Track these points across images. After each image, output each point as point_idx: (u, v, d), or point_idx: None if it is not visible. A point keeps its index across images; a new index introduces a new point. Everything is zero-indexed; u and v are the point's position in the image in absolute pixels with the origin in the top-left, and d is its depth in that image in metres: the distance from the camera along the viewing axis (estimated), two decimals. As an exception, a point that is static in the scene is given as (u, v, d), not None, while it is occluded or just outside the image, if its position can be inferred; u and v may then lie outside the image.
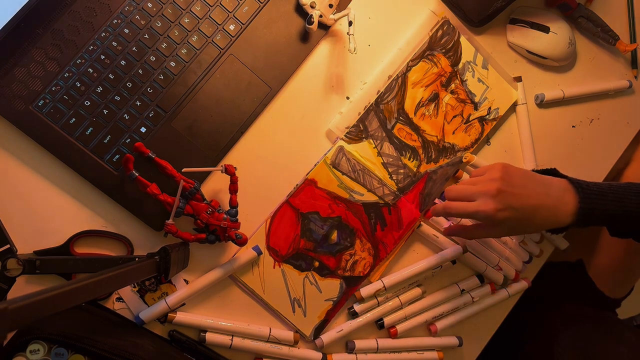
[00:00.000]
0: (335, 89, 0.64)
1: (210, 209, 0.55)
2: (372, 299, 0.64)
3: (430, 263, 0.66)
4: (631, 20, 0.78)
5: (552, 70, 0.74)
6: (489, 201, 0.52)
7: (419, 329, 0.67)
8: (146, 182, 0.54)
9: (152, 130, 0.56)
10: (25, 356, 0.46)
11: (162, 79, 0.57)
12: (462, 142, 0.68)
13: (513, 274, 0.71)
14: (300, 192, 0.61)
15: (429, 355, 0.66)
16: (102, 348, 0.47)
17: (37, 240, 0.54)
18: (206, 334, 0.57)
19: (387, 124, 0.64)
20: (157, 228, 0.56)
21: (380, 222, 0.64)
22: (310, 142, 0.63)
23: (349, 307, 0.64)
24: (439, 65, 0.66)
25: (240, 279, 0.59)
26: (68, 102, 0.54)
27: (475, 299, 0.69)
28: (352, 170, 0.62)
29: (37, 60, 0.54)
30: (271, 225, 0.60)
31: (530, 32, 0.70)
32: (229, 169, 0.55)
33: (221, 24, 0.59)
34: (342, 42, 0.64)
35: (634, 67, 0.79)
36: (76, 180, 0.55)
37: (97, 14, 0.56)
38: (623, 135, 0.79)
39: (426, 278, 0.68)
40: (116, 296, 0.56)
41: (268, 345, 0.59)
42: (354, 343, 0.63)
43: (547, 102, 0.73)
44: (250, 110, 0.59)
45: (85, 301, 0.39)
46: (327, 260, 0.62)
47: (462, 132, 0.68)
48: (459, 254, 0.66)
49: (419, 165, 0.66)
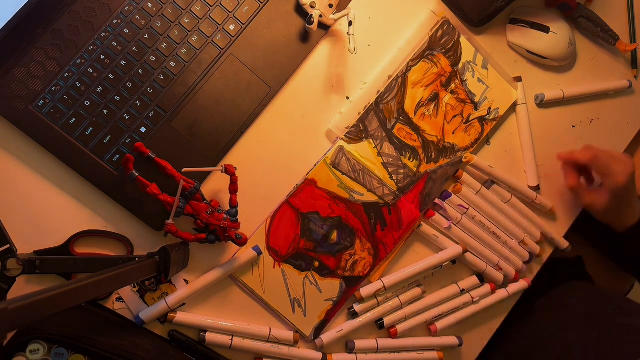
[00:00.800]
0: (335, 89, 0.64)
1: (210, 209, 0.55)
2: (372, 299, 0.64)
3: (430, 263, 0.66)
4: (631, 20, 0.78)
5: (552, 70, 0.74)
6: (626, 173, 0.65)
7: (419, 329, 0.67)
8: (146, 182, 0.54)
9: (152, 130, 0.56)
10: (25, 356, 0.46)
11: (162, 79, 0.57)
12: (462, 142, 0.68)
13: (513, 274, 0.71)
14: (300, 192, 0.61)
15: (429, 355, 0.66)
16: (102, 348, 0.47)
17: (37, 240, 0.54)
18: (206, 334, 0.57)
19: (387, 124, 0.64)
20: (157, 228, 0.56)
21: (380, 222, 0.64)
22: (310, 142, 0.63)
23: (349, 307, 0.64)
24: (439, 65, 0.66)
25: (240, 279, 0.59)
26: (68, 102, 0.54)
27: (475, 299, 0.69)
28: (352, 170, 0.62)
29: (37, 60, 0.54)
30: (271, 225, 0.60)
31: (530, 32, 0.70)
32: (229, 169, 0.55)
33: (221, 24, 0.59)
34: (342, 42, 0.64)
35: (634, 67, 0.79)
36: (76, 180, 0.55)
37: (97, 14, 0.56)
38: (623, 135, 0.79)
39: (426, 278, 0.68)
40: (116, 296, 0.56)
41: (268, 345, 0.59)
42: (354, 343, 0.63)
43: (547, 102, 0.73)
44: (250, 110, 0.59)
45: (85, 301, 0.39)
46: (327, 260, 0.62)
47: (462, 132, 0.68)
48: (459, 254, 0.66)
49: (419, 165, 0.66)
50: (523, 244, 0.72)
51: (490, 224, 0.69)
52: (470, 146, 0.68)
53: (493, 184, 0.69)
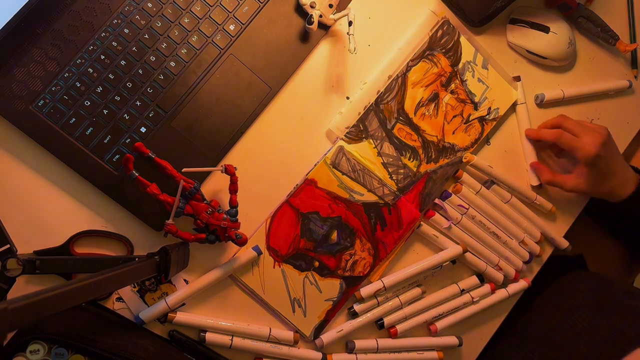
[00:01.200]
0: (335, 89, 0.64)
1: (210, 209, 0.55)
2: (372, 299, 0.64)
3: (430, 263, 0.66)
4: (631, 20, 0.78)
5: (552, 70, 0.74)
6: (595, 143, 0.63)
7: (419, 329, 0.67)
8: (146, 182, 0.54)
9: (152, 130, 0.56)
10: (25, 356, 0.46)
11: (162, 79, 0.57)
12: (462, 142, 0.68)
13: (513, 274, 0.71)
14: (300, 192, 0.61)
15: (429, 355, 0.66)
16: (102, 348, 0.47)
17: (37, 240, 0.54)
18: (206, 334, 0.57)
19: (387, 124, 0.64)
20: (157, 228, 0.56)
21: (380, 222, 0.64)
22: (310, 142, 0.63)
23: (349, 307, 0.64)
24: (439, 65, 0.66)
25: (240, 279, 0.59)
26: (68, 102, 0.54)
27: (475, 298, 0.69)
28: (352, 170, 0.62)
29: (37, 60, 0.54)
30: (271, 225, 0.60)
31: (530, 32, 0.70)
32: (229, 169, 0.55)
33: (221, 24, 0.59)
34: (342, 42, 0.64)
35: (634, 67, 0.79)
36: (76, 180, 0.55)
37: (97, 14, 0.56)
38: (623, 135, 0.79)
39: (426, 278, 0.68)
40: (116, 296, 0.56)
41: (268, 345, 0.59)
42: (354, 343, 0.63)
43: (547, 102, 0.73)
44: (250, 110, 0.59)
45: (85, 301, 0.39)
46: (327, 260, 0.62)
47: (462, 132, 0.68)
48: (459, 254, 0.66)
49: (419, 165, 0.66)
50: (523, 244, 0.72)
51: (490, 224, 0.69)
52: (470, 146, 0.68)
53: (493, 184, 0.69)
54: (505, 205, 0.70)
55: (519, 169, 0.73)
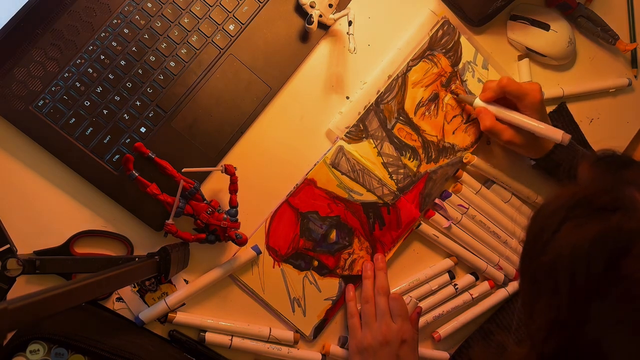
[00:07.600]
0: (335, 89, 0.64)
1: (210, 209, 0.55)
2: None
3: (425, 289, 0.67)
4: (631, 19, 0.78)
5: (551, 69, 0.74)
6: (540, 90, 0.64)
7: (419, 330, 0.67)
8: (146, 182, 0.54)
9: (152, 130, 0.56)
10: (25, 356, 0.46)
11: (162, 79, 0.57)
12: (462, 142, 0.68)
13: (513, 273, 0.71)
14: (299, 192, 0.61)
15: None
16: (102, 348, 0.47)
17: (37, 240, 0.54)
18: (206, 334, 0.57)
19: (387, 123, 0.64)
20: (157, 228, 0.56)
21: (378, 222, 0.64)
22: (310, 142, 0.63)
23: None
24: (439, 65, 0.66)
25: (240, 278, 0.59)
26: (68, 102, 0.54)
27: (474, 295, 0.69)
28: (352, 170, 0.62)
29: (37, 60, 0.54)
30: (271, 224, 0.60)
31: (531, 28, 0.70)
32: (229, 169, 0.55)
33: (221, 24, 0.59)
34: (342, 42, 0.64)
35: (634, 66, 0.79)
36: (76, 180, 0.55)
37: (96, 14, 0.56)
38: (623, 134, 0.79)
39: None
40: (116, 296, 0.56)
41: (268, 345, 0.59)
42: (346, 338, 0.63)
43: (546, 100, 0.73)
44: (250, 110, 0.59)
45: (85, 301, 0.39)
46: (326, 260, 0.62)
47: (462, 132, 0.68)
48: (453, 266, 0.68)
49: (419, 165, 0.66)
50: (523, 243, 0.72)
51: (490, 223, 0.69)
52: (470, 146, 0.68)
53: (493, 183, 0.69)
54: (505, 205, 0.70)
55: (519, 169, 0.73)
